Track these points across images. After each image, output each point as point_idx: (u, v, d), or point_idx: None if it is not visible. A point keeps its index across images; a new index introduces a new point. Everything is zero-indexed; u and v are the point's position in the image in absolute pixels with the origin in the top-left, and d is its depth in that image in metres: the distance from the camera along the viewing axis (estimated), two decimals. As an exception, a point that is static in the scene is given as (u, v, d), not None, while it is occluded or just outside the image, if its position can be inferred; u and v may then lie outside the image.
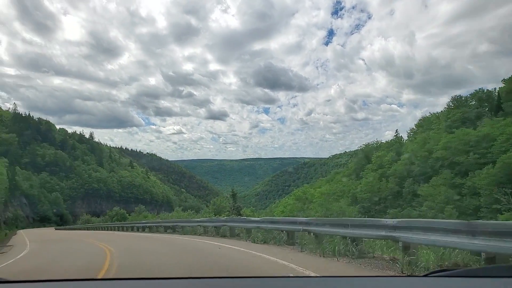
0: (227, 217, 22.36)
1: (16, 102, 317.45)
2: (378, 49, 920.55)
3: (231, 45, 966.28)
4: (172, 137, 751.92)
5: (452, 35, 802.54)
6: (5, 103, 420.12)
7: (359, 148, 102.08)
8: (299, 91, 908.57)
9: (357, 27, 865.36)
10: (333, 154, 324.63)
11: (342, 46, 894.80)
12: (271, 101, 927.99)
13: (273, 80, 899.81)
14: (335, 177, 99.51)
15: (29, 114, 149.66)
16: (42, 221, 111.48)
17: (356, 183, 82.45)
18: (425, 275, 2.29)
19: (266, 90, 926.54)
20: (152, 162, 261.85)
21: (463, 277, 2.20)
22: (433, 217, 43.19)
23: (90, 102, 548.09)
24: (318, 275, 6.45)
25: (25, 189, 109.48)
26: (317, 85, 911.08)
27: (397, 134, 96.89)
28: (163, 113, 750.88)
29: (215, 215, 30.64)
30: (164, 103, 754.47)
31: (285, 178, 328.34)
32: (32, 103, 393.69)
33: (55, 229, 76.59)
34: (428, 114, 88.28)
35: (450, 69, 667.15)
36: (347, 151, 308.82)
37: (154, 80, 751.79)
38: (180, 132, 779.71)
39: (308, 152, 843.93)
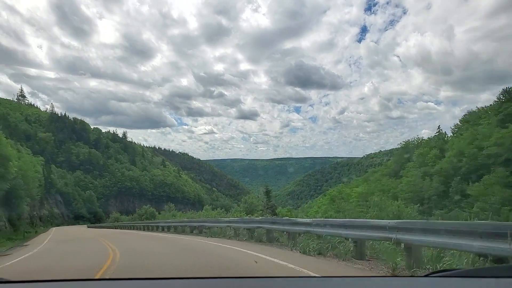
0: (261, 217, 19.22)
1: (55, 104, 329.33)
2: (414, 45, 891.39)
3: (261, 44, 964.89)
4: (203, 137, 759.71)
5: (494, 28, 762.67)
6: (46, 105, 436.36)
7: (399, 146, 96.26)
8: (331, 89, 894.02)
9: (392, 23, 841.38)
10: (367, 153, 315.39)
11: (375, 42, 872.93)
12: (303, 100, 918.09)
13: (305, 78, 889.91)
14: (373, 176, 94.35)
15: (65, 114, 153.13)
16: (77, 218, 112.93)
17: (396, 182, 77.50)
18: (426, 275, 2.29)
19: (297, 89, 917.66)
20: (184, 161, 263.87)
21: (464, 277, 2.20)
22: (485, 219, 38.42)
23: (124, 103, 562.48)
24: (318, 275, 6.31)
25: (60, 187, 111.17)
26: (350, 83, 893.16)
27: (439, 130, 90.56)
28: (195, 113, 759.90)
29: (247, 215, 27.72)
30: (196, 104, 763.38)
31: (317, 177, 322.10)
32: (70, 104, 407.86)
33: (88, 227, 76.50)
34: (469, 111, 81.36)
35: (493, 63, 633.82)
36: (381, 150, 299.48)
37: (186, 81, 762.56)
38: (211, 132, 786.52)
39: (341, 152, 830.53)
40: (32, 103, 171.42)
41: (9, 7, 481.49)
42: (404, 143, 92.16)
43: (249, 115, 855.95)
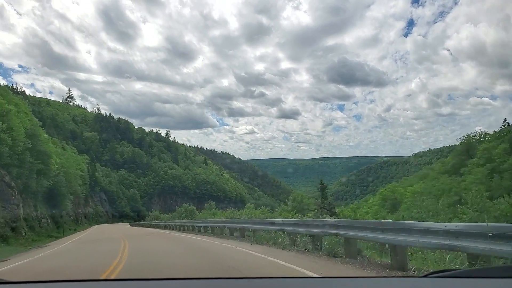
0: (338, 218, 14.33)
1: (103, 106, 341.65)
2: (466, 37, 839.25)
3: (303, 42, 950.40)
4: (244, 136, 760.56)
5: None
6: (94, 108, 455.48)
7: (452, 144, 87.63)
8: (377, 86, 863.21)
9: (441, 14, 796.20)
10: (415, 152, 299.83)
11: (423, 36, 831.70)
12: (346, 97, 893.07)
13: (348, 75, 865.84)
14: (429, 174, 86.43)
15: (110, 114, 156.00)
16: (121, 217, 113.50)
17: (457, 181, 69.86)
18: (425, 276, 2.29)
19: (341, 86, 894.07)
20: (225, 160, 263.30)
21: (463, 278, 2.21)
22: None
23: (168, 104, 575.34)
24: (317, 276, 6.29)
25: (104, 185, 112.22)
26: (396, 79, 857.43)
27: (505, 124, 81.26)
28: (236, 113, 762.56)
29: (296, 214, 23.33)
30: (237, 104, 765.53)
31: (363, 177, 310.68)
32: (117, 107, 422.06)
33: (130, 225, 75.45)
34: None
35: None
36: (431, 148, 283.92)
37: (226, 82, 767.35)
38: (252, 132, 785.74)
39: (387, 151, 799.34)
40: (80, 105, 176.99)
41: (61, 16, 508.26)
42: (464, 137, 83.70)
43: (290, 114, 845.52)
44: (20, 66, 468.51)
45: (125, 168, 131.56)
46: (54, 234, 49.55)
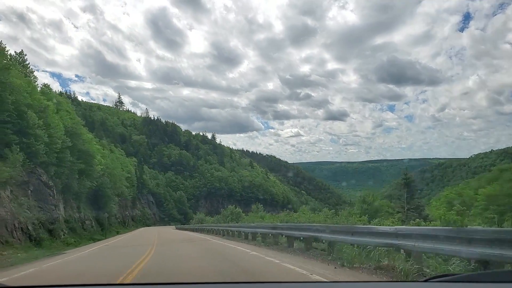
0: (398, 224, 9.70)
1: (153, 112, 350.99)
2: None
3: (350, 42, 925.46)
4: (290, 139, 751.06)
5: None
6: (143, 113, 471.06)
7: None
8: (429, 84, 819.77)
9: (501, 6, 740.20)
10: (474, 153, 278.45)
11: (481, 30, 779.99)
12: (397, 97, 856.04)
13: (398, 75, 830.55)
14: (502, 175, 76.38)
15: (157, 118, 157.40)
16: (168, 219, 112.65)
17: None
18: (426, 280, 2.29)
19: (391, 86, 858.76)
20: (271, 163, 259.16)
21: (463, 282, 2.20)
22: None
23: (214, 109, 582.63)
24: (323, 280, 6.32)
25: (152, 187, 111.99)
26: (451, 76, 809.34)
27: None
28: (281, 116, 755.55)
29: (369, 218, 18.33)
30: (282, 107, 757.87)
31: (417, 180, 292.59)
32: (165, 112, 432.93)
33: (175, 228, 73.24)
34: None
35: None
36: (493, 149, 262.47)
37: (272, 85, 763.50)
38: (298, 135, 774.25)
39: (442, 152, 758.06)
40: (129, 110, 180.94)
41: (113, 27, 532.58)
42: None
43: (338, 116, 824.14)
44: (76, 75, 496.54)
45: (172, 170, 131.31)
46: (97, 237, 47.68)
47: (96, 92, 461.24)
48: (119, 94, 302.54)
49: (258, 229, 16.95)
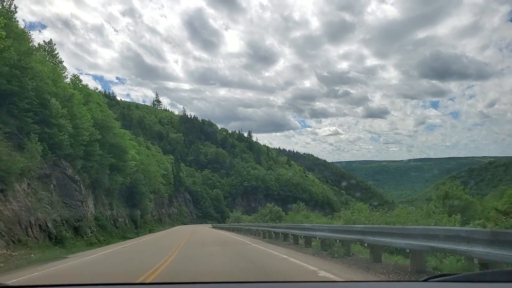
0: None
1: (190, 113, 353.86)
2: None
3: (390, 36, 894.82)
4: (328, 138, 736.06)
5: None
6: (180, 112, 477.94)
7: None
8: (477, 79, 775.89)
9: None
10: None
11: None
12: (440, 93, 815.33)
13: (442, 69, 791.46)
14: None
15: (194, 116, 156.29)
16: (204, 217, 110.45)
17: None
18: (425, 280, 2.29)
19: (434, 81, 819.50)
20: (308, 162, 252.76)
21: (462, 282, 2.20)
22: None
23: (250, 109, 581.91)
24: (318, 280, 6.20)
25: (189, 185, 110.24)
26: (502, 70, 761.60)
27: None
28: (319, 114, 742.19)
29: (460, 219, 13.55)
30: (319, 105, 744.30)
31: (464, 179, 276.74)
32: (203, 113, 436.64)
33: (212, 227, 70.46)
34: None
35: None
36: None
37: (308, 83, 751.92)
38: (336, 133, 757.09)
39: (491, 150, 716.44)
40: (167, 109, 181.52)
41: (151, 29, 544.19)
42: None
43: (378, 113, 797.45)
44: (117, 78, 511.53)
45: (208, 168, 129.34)
46: (130, 235, 45.19)
47: (136, 94, 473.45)
48: (156, 93, 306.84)
49: (317, 232, 12.56)
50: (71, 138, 31.11)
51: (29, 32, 32.18)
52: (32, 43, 32.06)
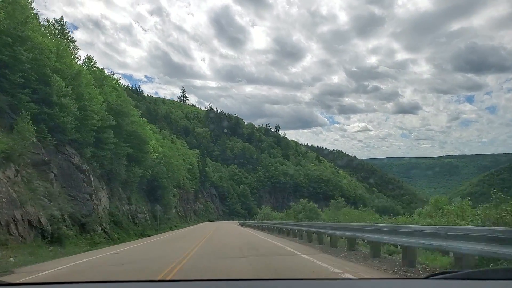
0: None
1: (217, 107, 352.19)
2: None
3: (422, 29, 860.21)
4: (357, 135, 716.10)
5: None
6: (206, 107, 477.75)
7: None
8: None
9: None
10: None
11: None
12: (476, 87, 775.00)
13: (478, 62, 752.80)
14: None
15: (220, 110, 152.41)
16: (231, 214, 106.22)
17: None
18: (426, 278, 2.29)
19: (469, 75, 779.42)
20: (337, 159, 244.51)
21: (463, 280, 2.20)
22: None
23: (277, 105, 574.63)
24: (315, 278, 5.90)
25: (215, 180, 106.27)
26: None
27: None
28: (347, 110, 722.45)
29: None
30: (348, 100, 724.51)
31: (503, 177, 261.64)
32: (230, 110, 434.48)
33: (238, 224, 66.04)
34: None
35: None
36: None
37: (336, 78, 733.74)
38: (365, 130, 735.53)
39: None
40: (193, 104, 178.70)
41: (178, 27, 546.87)
42: None
43: (409, 109, 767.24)
44: (146, 76, 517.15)
45: (235, 163, 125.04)
46: (150, 232, 41.02)
47: (164, 92, 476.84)
48: (183, 88, 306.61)
49: (413, 239, 7.17)
50: (78, 122, 26.96)
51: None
52: (37, 16, 28.25)
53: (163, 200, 53.83)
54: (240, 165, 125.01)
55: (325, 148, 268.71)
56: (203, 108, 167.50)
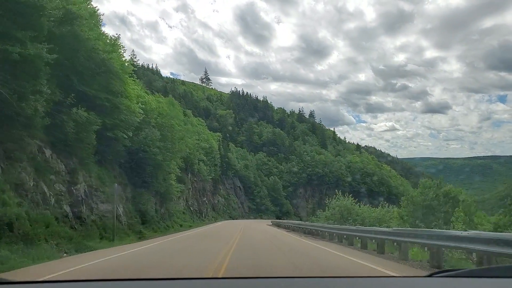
0: None
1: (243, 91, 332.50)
2: None
3: (452, 26, 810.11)
4: (384, 134, 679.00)
5: None
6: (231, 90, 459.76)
7: None
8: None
9: None
10: None
11: None
12: (509, 86, 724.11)
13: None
14: None
15: (247, 93, 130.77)
16: (259, 210, 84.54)
17: None
18: (429, 275, 2.25)
19: (502, 73, 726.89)
20: (372, 154, 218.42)
21: (466, 278, 2.17)
22: None
23: (303, 103, 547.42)
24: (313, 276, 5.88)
25: (239, 168, 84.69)
26: None
27: None
28: (374, 109, 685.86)
29: None
30: (375, 99, 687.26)
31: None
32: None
33: (271, 224, 45.01)
34: None
35: None
36: None
37: (363, 76, 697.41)
38: (393, 129, 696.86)
39: None
40: (214, 88, 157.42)
41: (203, 24, 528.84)
42: None
43: (438, 108, 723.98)
44: (171, 73, 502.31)
45: (264, 151, 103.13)
46: (92, 243, 19.37)
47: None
48: (205, 69, 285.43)
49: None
50: None
51: None
52: None
53: (156, 184, 32.50)
54: (269, 154, 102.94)
55: (357, 144, 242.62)
56: (227, 92, 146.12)
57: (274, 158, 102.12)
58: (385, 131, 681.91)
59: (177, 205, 41.41)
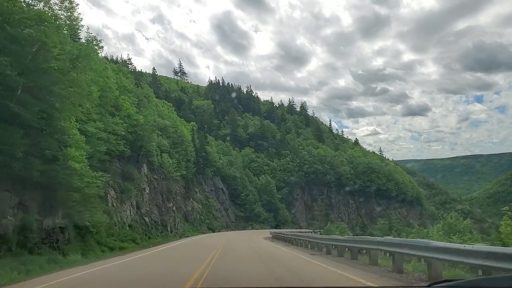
0: None
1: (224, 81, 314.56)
2: None
3: (428, 29, 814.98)
4: (366, 138, 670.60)
5: None
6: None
7: None
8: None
9: None
10: None
11: None
12: (485, 87, 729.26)
13: (487, 61, 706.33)
14: None
15: (228, 83, 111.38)
16: (249, 218, 65.09)
17: None
18: (428, 286, 2.21)
19: (478, 74, 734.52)
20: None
21: None
22: None
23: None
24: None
25: (221, 166, 64.85)
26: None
27: None
28: (356, 114, 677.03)
29: None
30: (356, 104, 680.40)
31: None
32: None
33: (271, 237, 25.95)
34: None
35: None
36: None
37: (343, 81, 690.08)
38: (375, 133, 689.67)
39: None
40: (190, 82, 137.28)
41: (181, 35, 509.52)
42: None
43: (418, 111, 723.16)
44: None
45: (250, 146, 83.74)
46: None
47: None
48: (179, 61, 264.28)
49: None
50: None
51: None
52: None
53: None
54: (257, 149, 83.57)
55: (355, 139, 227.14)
56: (204, 86, 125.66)
57: (263, 153, 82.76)
58: (367, 136, 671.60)
59: (101, 213, 21.44)
